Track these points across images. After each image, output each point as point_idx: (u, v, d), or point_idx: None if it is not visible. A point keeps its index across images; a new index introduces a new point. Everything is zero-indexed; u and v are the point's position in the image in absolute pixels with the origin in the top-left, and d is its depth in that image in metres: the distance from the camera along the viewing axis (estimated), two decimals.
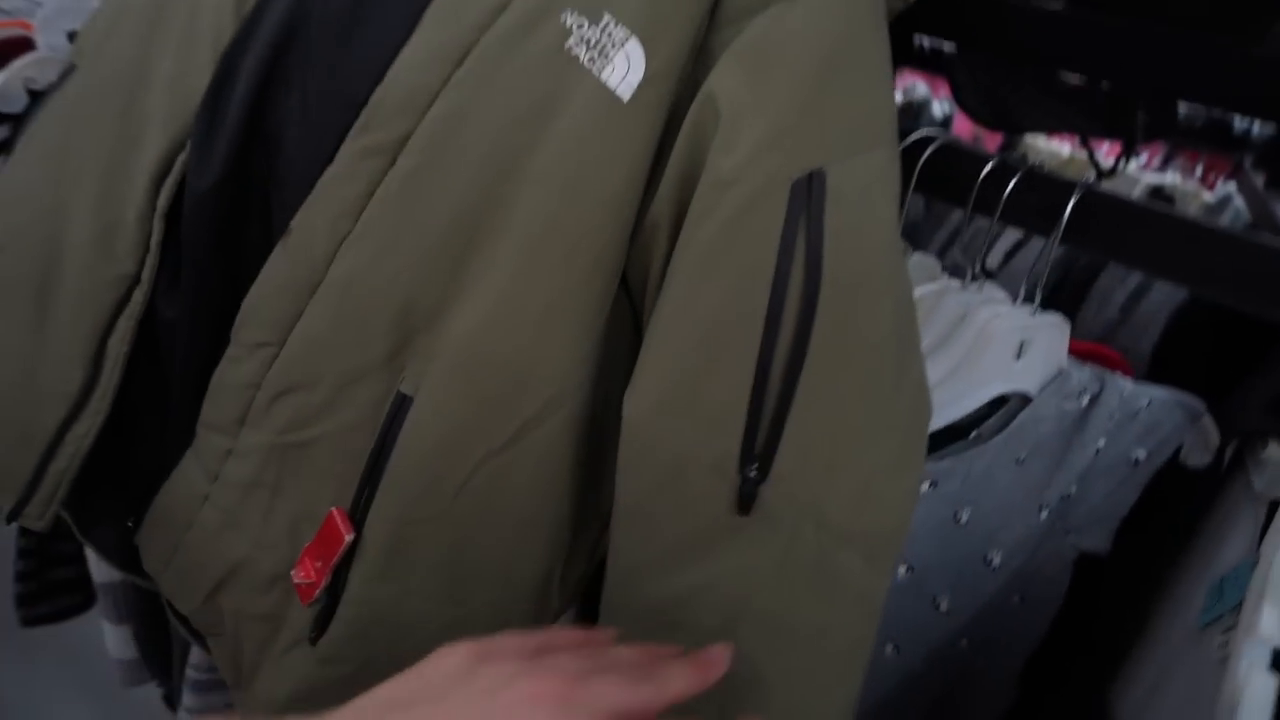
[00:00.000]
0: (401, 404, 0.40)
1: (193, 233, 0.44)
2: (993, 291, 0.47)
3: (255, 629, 0.47)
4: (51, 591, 0.91)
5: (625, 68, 0.35)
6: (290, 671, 0.45)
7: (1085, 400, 0.45)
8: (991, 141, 0.96)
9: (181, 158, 0.46)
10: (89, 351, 0.48)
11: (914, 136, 0.48)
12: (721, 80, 0.34)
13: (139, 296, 0.47)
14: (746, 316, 0.34)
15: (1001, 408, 0.48)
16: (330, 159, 0.41)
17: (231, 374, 0.45)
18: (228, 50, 0.44)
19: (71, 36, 0.67)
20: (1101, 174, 0.78)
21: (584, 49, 0.35)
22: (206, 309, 0.46)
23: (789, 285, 0.33)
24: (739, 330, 0.34)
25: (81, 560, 0.91)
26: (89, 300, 0.47)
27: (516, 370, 0.38)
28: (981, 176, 0.44)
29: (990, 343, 0.44)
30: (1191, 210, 0.84)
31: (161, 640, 0.80)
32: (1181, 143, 0.92)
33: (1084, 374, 0.46)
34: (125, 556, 0.57)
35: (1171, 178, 0.93)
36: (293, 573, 0.44)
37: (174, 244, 0.47)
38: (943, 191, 0.47)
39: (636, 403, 0.36)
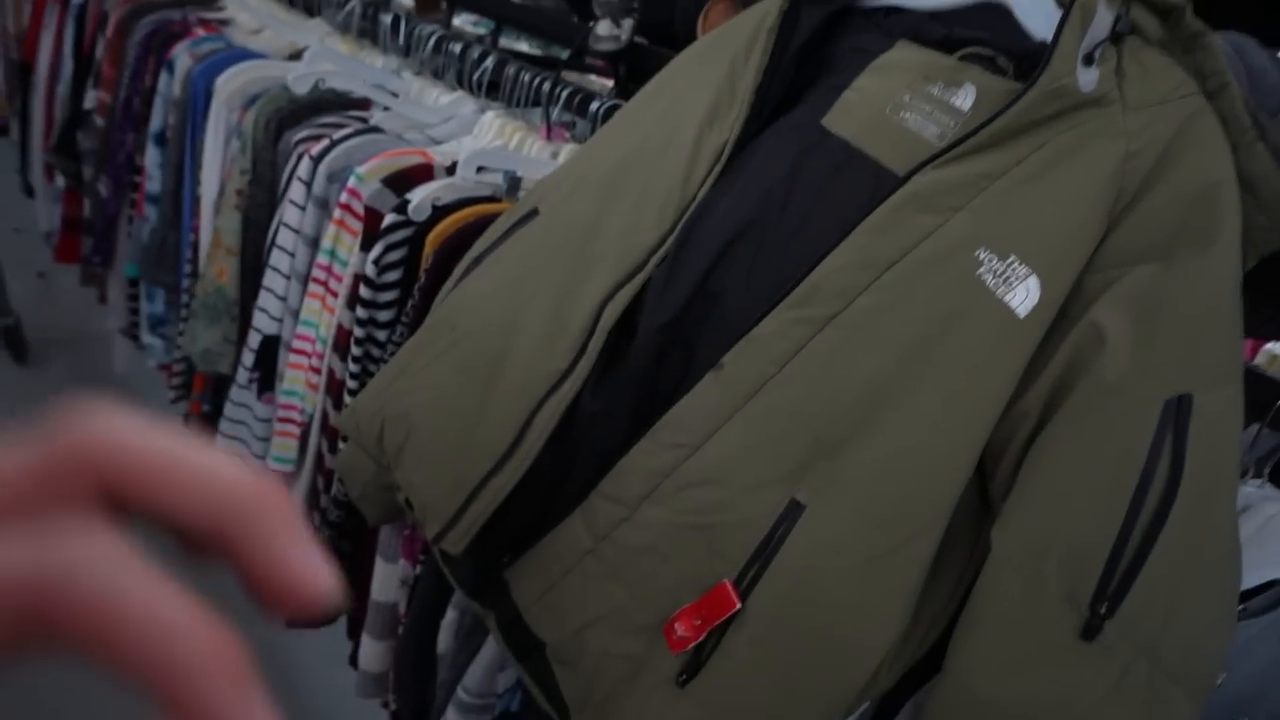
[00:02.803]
0: (795, 508, 0.53)
1: (640, 355, 0.59)
2: (1269, 490, 0.56)
3: (616, 666, 0.59)
4: None
5: (1025, 295, 0.48)
6: (655, 707, 0.56)
7: None
8: None
9: (622, 292, 0.62)
10: (519, 422, 0.62)
11: None
12: (1108, 316, 0.47)
13: (569, 387, 0.62)
14: (1118, 491, 0.45)
15: (1270, 590, 0.55)
16: (759, 318, 0.55)
17: (643, 462, 0.58)
18: (687, 222, 0.60)
19: (508, 178, 0.87)
20: None
21: (991, 277, 0.49)
22: (628, 409, 0.60)
23: (1155, 475, 0.44)
24: (1109, 500, 0.45)
25: (345, 577, 1.07)
26: (528, 384, 0.63)
27: (904, 502, 0.49)
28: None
29: (1275, 534, 0.52)
30: None
31: (424, 665, 0.93)
32: None
33: None
34: (474, 585, 0.71)
35: None
36: (672, 625, 0.56)
37: (603, 354, 0.62)
38: None
39: (1007, 538, 0.47)
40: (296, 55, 1.33)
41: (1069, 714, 0.46)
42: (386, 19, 1.18)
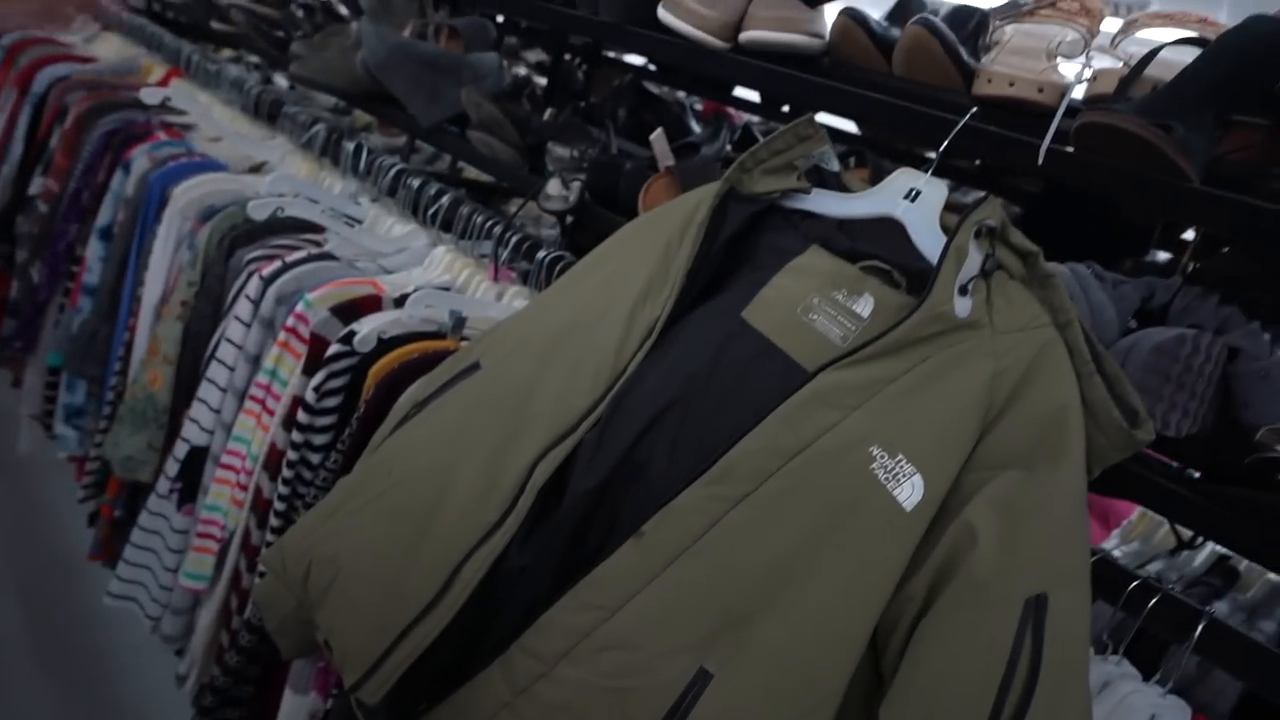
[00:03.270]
0: (703, 676, 0.56)
1: (568, 515, 0.63)
2: (1126, 668, 0.62)
3: None
4: None
5: (911, 490, 0.55)
6: None
7: None
8: None
9: (554, 452, 0.66)
10: (447, 572, 0.65)
11: None
12: (980, 518, 0.53)
13: (498, 540, 0.64)
14: (987, 679, 0.50)
15: None
16: (679, 489, 0.60)
17: (563, 619, 0.61)
18: (618, 392, 0.65)
19: (455, 317, 0.91)
20: (1182, 544, 0.95)
21: (883, 472, 0.55)
22: (552, 565, 0.63)
23: (1019, 666, 0.50)
24: (980, 687, 0.50)
25: (250, 704, 1.02)
26: (458, 534, 0.65)
27: (805, 674, 0.54)
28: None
29: (1129, 711, 0.58)
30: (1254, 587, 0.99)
31: None
32: None
33: None
34: None
35: None
36: None
37: (532, 511, 0.65)
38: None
39: (889, 712, 0.52)
40: (256, 168, 1.38)
41: None
42: (349, 145, 1.24)
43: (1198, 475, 0.66)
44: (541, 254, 0.95)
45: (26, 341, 1.54)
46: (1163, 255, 1.04)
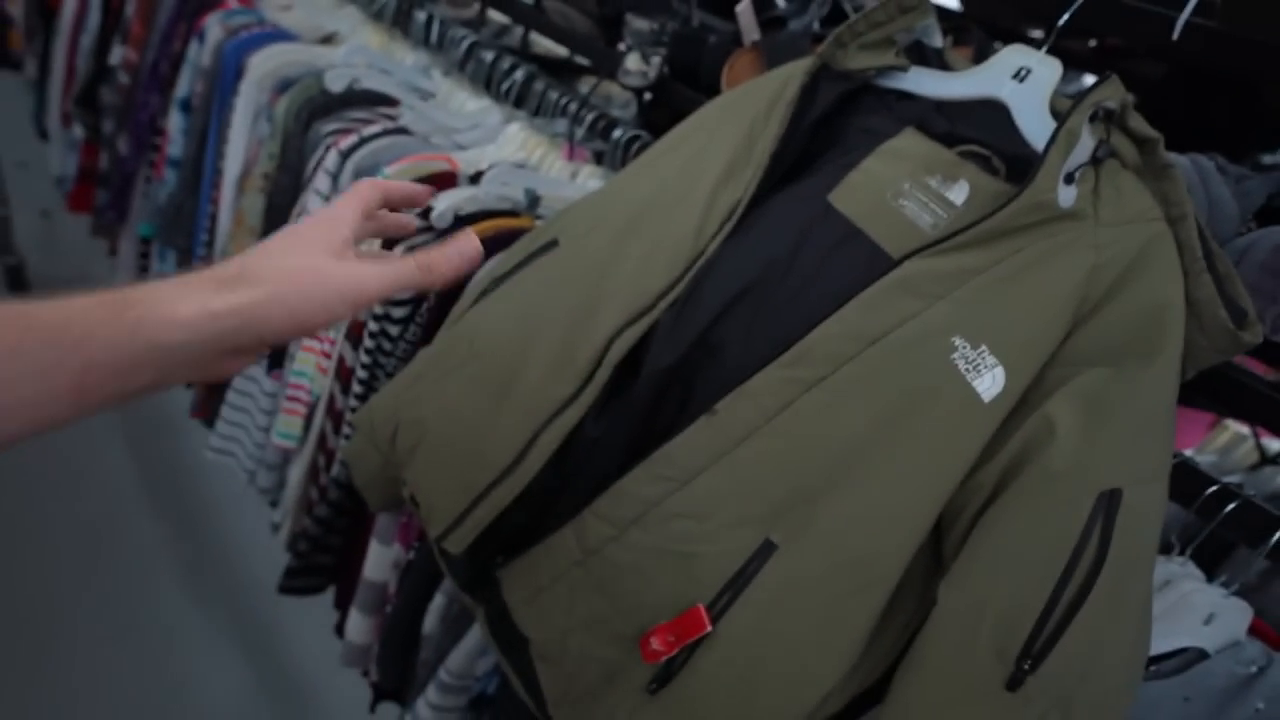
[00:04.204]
0: (767, 547, 0.59)
1: (642, 391, 0.65)
2: (1191, 568, 0.63)
3: (594, 668, 0.65)
4: (308, 571, 1.12)
5: (991, 382, 0.54)
6: (626, 710, 0.62)
7: (1254, 669, 0.60)
8: None
9: (630, 330, 0.67)
10: (524, 440, 0.68)
11: None
12: (1060, 411, 0.53)
13: (573, 413, 0.67)
14: (1050, 567, 0.51)
15: (1179, 655, 0.62)
16: (752, 372, 0.61)
17: (635, 488, 0.64)
18: (696, 274, 0.65)
19: (529, 195, 0.91)
20: (1265, 459, 0.92)
21: (963, 362, 0.55)
22: (625, 439, 0.66)
23: (1083, 556, 0.50)
24: (1042, 573, 0.51)
25: (339, 552, 1.12)
26: (536, 405, 0.68)
27: (867, 552, 0.56)
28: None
29: (1189, 608, 0.59)
30: None
31: (409, 645, 0.99)
32: None
33: (1255, 649, 0.60)
34: (468, 579, 0.77)
35: None
36: (648, 639, 0.62)
37: (607, 386, 0.67)
38: None
39: (953, 595, 0.54)
40: (327, 39, 1.36)
41: None
42: (420, 16, 1.21)
43: None
44: (617, 133, 0.93)
45: (118, 211, 1.61)
46: None
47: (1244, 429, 0.98)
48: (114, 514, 1.71)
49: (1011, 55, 0.64)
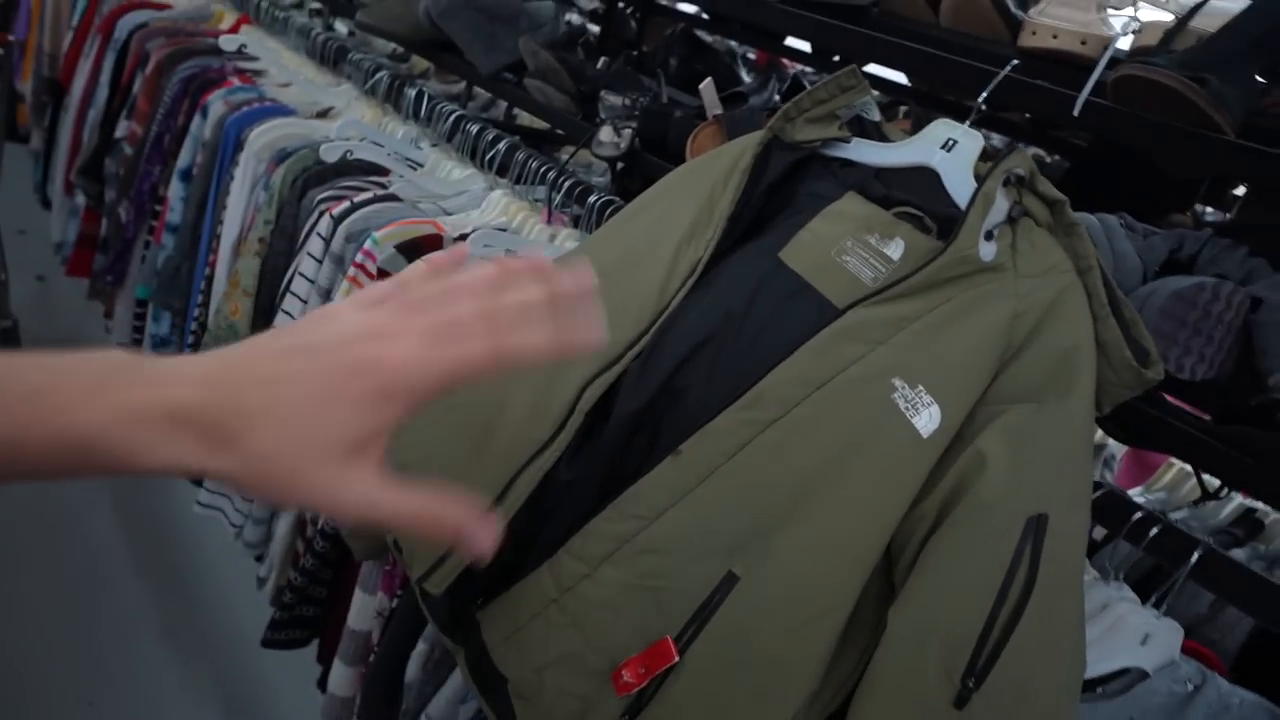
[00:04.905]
0: (730, 580, 0.63)
1: (612, 435, 0.69)
2: (1125, 591, 0.67)
3: (569, 704, 0.67)
4: (292, 624, 1.14)
5: (928, 419, 0.59)
6: None
7: (1190, 687, 0.63)
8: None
9: (601, 378, 0.72)
10: (502, 483, 0.72)
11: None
12: (990, 445, 0.58)
13: (548, 456, 0.72)
14: (986, 589, 0.55)
15: (1122, 677, 0.66)
16: (714, 414, 0.66)
17: (607, 527, 0.68)
18: (661, 326, 0.71)
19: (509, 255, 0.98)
20: (1207, 495, 0.97)
21: (903, 401, 0.60)
22: (597, 480, 0.70)
23: (1015, 577, 0.55)
24: (980, 595, 0.55)
25: (323, 603, 1.14)
26: (513, 449, 0.72)
27: (823, 580, 0.60)
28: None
29: (1125, 629, 0.63)
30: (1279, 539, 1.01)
31: (392, 695, 1.00)
32: None
33: (1191, 667, 0.64)
34: (448, 621, 0.80)
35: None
36: (619, 672, 0.65)
37: (580, 431, 0.72)
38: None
39: (901, 619, 0.58)
40: (324, 114, 1.45)
41: None
42: (410, 92, 1.30)
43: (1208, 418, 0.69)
44: (593, 198, 1.00)
45: (117, 275, 1.67)
46: (1210, 211, 1.03)
47: (1188, 466, 1.03)
48: (97, 571, 1.71)
49: (939, 128, 0.72)
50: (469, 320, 0.35)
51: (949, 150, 0.70)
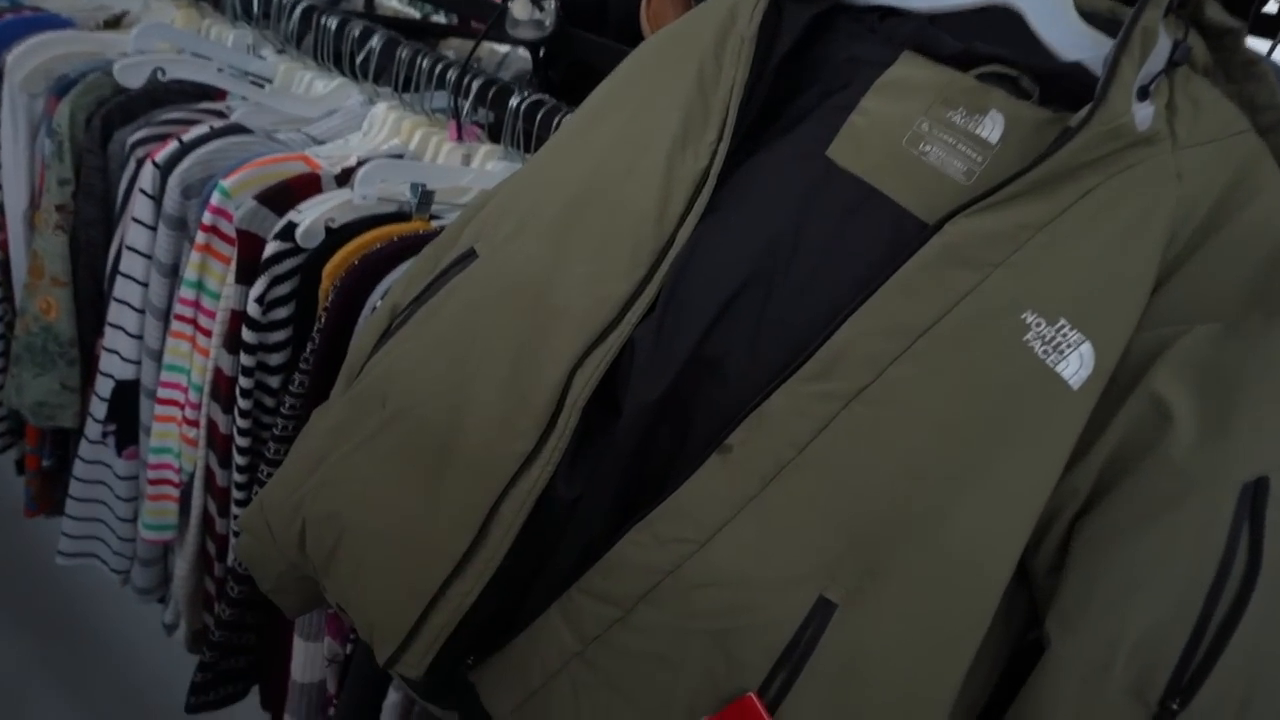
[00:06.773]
0: (824, 606, 0.46)
1: (627, 435, 0.50)
2: None
3: None
4: (221, 681, 0.92)
5: (1078, 364, 0.43)
6: None
7: None
8: None
9: (595, 354, 0.52)
10: (479, 517, 0.52)
11: None
12: (1170, 388, 0.42)
13: (538, 472, 0.52)
14: (1194, 584, 0.41)
15: None
16: (767, 392, 0.47)
17: (635, 556, 0.50)
18: (672, 270, 0.50)
19: (419, 191, 0.73)
20: None
21: (1040, 344, 0.43)
22: (611, 494, 0.52)
23: (1234, 561, 0.41)
24: (1185, 593, 0.41)
25: (255, 651, 0.93)
26: (486, 470, 0.52)
27: (951, 600, 0.44)
28: None
29: None
30: None
31: None
32: None
33: None
34: (429, 690, 0.61)
35: None
36: None
37: (576, 435, 0.52)
38: None
39: (1070, 637, 0.43)
40: (113, 22, 1.08)
41: None
42: None
43: None
44: (514, 100, 0.76)
45: None
46: None
47: None
48: None
49: None
50: None
51: None
